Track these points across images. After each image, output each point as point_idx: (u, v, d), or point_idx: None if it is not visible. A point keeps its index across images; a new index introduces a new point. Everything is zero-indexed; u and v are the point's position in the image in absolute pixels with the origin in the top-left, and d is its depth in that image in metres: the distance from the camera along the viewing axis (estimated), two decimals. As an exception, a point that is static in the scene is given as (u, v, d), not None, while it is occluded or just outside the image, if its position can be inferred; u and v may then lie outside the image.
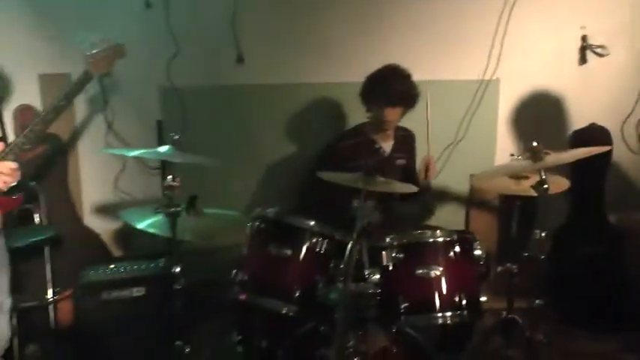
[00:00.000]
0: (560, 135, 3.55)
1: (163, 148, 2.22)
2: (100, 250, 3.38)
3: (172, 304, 2.32)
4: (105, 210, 3.55)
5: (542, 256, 2.21)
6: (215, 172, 3.18)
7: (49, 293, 2.94)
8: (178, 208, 1.99)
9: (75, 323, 2.90)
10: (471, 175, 3.46)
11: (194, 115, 3.40)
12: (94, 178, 3.50)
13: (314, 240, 2.10)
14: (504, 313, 2.61)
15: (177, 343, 2.24)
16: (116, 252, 3.51)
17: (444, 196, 3.62)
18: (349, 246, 1.74)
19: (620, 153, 3.54)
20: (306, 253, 2.11)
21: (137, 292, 2.85)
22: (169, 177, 1.97)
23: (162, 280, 2.83)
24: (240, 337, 2.39)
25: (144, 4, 3.27)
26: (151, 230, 2.16)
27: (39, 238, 2.92)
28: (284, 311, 2.06)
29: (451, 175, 3.53)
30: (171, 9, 3.29)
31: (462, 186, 3.62)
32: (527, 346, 2.47)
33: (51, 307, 2.96)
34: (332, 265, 2.05)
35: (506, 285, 2.59)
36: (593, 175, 3.42)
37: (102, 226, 3.46)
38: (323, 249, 2.11)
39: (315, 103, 3.52)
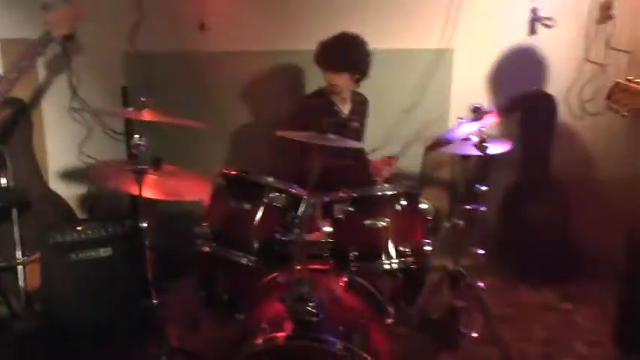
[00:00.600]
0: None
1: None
2: (67, 214, 3.44)
3: (140, 262, 2.43)
4: (70, 175, 3.62)
5: (483, 208, 2.38)
6: (180, 136, 3.26)
7: (18, 255, 3.00)
8: (144, 166, 2.09)
9: (43, 284, 2.94)
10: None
11: (158, 81, 3.44)
12: (59, 143, 3.56)
13: (272, 195, 2.24)
14: (451, 266, 2.80)
15: (145, 300, 2.35)
16: (81, 216, 3.58)
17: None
18: (304, 199, 1.88)
19: (564, 117, 3.74)
20: (264, 208, 2.25)
21: (104, 252, 2.93)
22: (136, 136, 2.07)
23: (129, 240, 2.95)
24: (203, 293, 2.52)
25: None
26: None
27: (6, 200, 2.98)
28: (244, 261, 2.20)
29: (406, 140, 3.67)
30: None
31: (414, 156, 3.75)
32: (472, 297, 2.69)
33: (20, 269, 3.01)
34: (289, 218, 2.20)
35: (455, 240, 2.78)
36: (539, 138, 3.67)
37: (67, 191, 3.49)
38: (280, 203, 2.24)
39: (275, 70, 3.63)
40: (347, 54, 2.94)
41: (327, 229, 2.09)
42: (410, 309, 2.58)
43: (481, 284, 2.64)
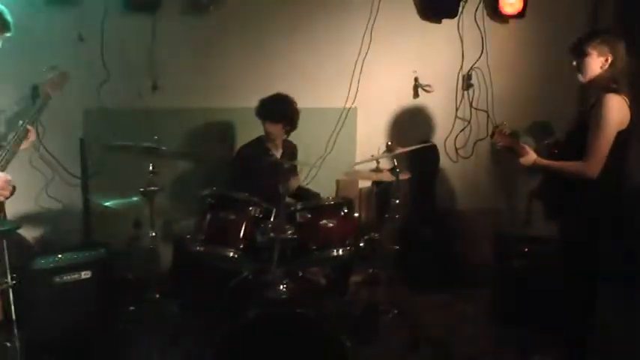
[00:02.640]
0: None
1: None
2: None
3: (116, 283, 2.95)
4: (29, 218, 4.03)
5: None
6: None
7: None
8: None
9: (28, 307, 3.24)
10: (337, 180, 4.52)
11: (116, 135, 3.91)
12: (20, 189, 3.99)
13: (250, 208, 3.00)
14: (370, 270, 3.65)
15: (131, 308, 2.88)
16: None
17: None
18: (279, 207, 2.67)
19: (444, 161, 4.80)
20: (247, 217, 3.00)
21: (85, 274, 3.43)
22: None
23: (106, 264, 3.52)
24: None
25: (77, 37, 3.93)
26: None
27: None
28: (231, 254, 2.92)
29: (321, 181, 4.45)
30: (104, 43, 3.95)
31: (329, 189, 4.54)
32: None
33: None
34: (262, 225, 2.96)
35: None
36: (427, 176, 4.69)
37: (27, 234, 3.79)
38: (258, 213, 3.01)
39: (214, 124, 4.37)
40: (281, 109, 3.78)
41: (291, 230, 2.89)
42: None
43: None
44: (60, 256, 3.43)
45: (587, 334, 3.02)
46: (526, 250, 3.76)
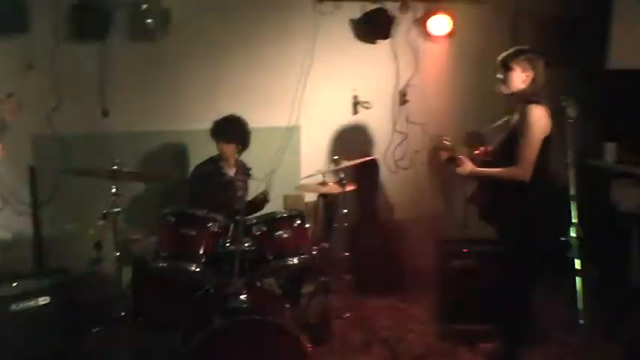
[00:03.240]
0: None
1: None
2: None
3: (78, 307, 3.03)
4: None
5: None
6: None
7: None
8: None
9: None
10: (285, 196, 4.72)
11: (66, 163, 4.07)
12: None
13: (209, 224, 3.15)
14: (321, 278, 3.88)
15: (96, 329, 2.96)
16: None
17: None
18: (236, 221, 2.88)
19: (384, 172, 5.09)
20: (207, 232, 3.15)
21: (43, 300, 3.47)
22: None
23: (65, 288, 3.57)
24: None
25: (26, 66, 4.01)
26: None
27: None
28: (193, 268, 3.07)
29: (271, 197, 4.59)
30: (54, 69, 4.06)
31: (277, 203, 4.65)
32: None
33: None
34: (222, 239, 3.14)
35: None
36: (370, 189, 4.95)
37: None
38: (217, 228, 3.16)
39: (166, 146, 4.52)
40: (234, 129, 3.96)
41: (248, 242, 3.09)
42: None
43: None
44: (15, 284, 3.46)
45: (522, 324, 3.33)
46: (465, 251, 4.06)
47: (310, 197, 4.70)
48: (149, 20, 4.14)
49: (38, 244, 4.19)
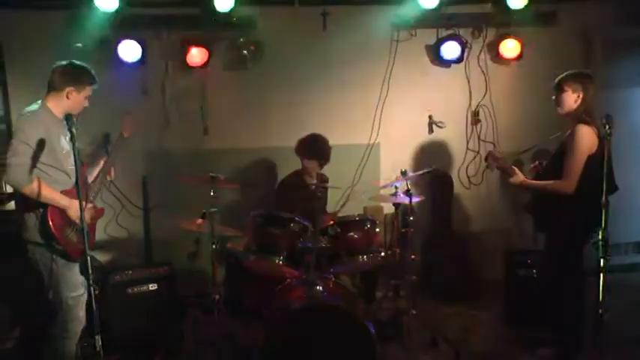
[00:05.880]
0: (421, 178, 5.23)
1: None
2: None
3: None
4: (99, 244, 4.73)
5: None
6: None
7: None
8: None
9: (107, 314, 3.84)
10: (365, 207, 5.13)
11: (172, 173, 4.60)
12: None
13: (292, 224, 3.65)
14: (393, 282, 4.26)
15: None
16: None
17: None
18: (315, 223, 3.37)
19: (458, 188, 5.39)
20: (289, 231, 3.65)
21: (152, 287, 4.12)
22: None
23: (169, 278, 4.20)
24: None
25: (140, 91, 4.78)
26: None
27: None
28: (277, 261, 3.57)
29: (350, 209, 5.07)
30: (164, 94, 4.82)
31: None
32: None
33: None
34: (302, 238, 3.62)
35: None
36: (444, 201, 5.27)
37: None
38: (297, 228, 3.66)
39: (257, 161, 5.11)
40: (317, 147, 4.44)
41: (325, 241, 3.57)
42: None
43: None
44: (130, 272, 4.13)
45: (574, 331, 3.51)
46: (529, 261, 4.29)
47: (389, 209, 5.04)
48: (244, 52, 4.75)
49: (148, 241, 4.93)
